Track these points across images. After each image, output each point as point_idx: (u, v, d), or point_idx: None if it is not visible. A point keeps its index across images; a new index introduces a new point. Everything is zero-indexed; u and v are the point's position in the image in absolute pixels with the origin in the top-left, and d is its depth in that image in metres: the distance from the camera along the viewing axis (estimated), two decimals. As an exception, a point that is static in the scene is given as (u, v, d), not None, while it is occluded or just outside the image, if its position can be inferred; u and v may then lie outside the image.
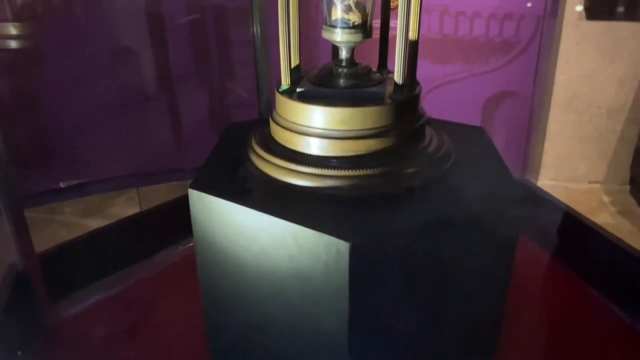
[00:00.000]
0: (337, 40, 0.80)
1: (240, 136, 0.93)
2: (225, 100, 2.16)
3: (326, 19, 0.80)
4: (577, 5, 1.85)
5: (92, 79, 1.88)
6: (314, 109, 0.78)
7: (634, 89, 1.95)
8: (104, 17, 1.89)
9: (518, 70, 1.87)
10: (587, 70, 1.95)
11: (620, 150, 2.03)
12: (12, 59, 1.74)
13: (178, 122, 2.07)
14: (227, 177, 0.83)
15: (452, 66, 1.94)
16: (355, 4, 0.77)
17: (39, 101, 1.91)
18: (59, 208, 1.97)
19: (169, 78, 1.98)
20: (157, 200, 1.98)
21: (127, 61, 1.92)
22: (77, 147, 1.97)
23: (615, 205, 1.99)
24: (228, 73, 2.12)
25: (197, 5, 2.01)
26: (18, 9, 1.71)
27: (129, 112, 1.97)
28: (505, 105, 1.95)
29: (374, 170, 0.78)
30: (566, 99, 2.01)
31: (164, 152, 2.02)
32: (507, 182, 0.85)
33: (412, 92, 0.82)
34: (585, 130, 2.03)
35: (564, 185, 2.10)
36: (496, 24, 1.85)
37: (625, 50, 1.90)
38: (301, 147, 0.80)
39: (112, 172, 2.02)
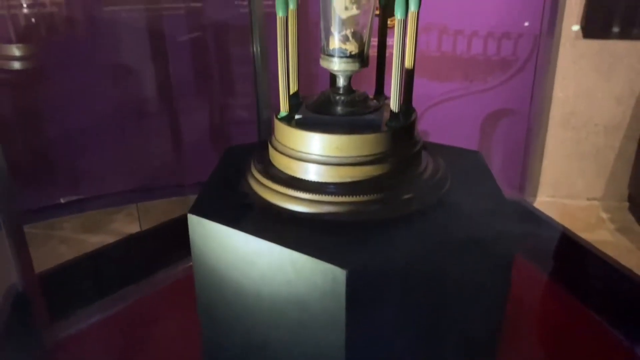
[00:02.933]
0: (334, 69, 0.82)
1: (240, 159, 0.94)
2: (225, 116, 2.18)
3: (324, 48, 0.81)
4: (573, 25, 1.88)
5: (93, 96, 1.90)
6: (312, 136, 0.80)
7: (630, 107, 1.96)
8: (106, 35, 1.91)
9: (516, 88, 1.89)
10: (584, 88, 1.97)
11: (618, 167, 2.04)
12: (14, 76, 1.77)
13: (178, 138, 2.09)
14: (226, 202, 0.84)
15: (450, 84, 1.96)
16: (352, 35, 0.78)
17: (40, 117, 1.93)
18: (59, 224, 1.98)
19: (170, 95, 2.00)
20: (157, 216, 2.00)
21: (128, 78, 1.95)
22: (77, 162, 1.99)
23: (613, 222, 1.99)
24: (229, 90, 2.14)
25: (198, 23, 2.04)
26: (21, 29, 1.74)
27: (130, 128, 1.99)
28: (503, 123, 1.96)
29: (370, 196, 0.79)
30: (564, 116, 2.02)
31: (163, 168, 2.04)
32: (502, 207, 0.86)
33: (408, 119, 0.83)
34: (583, 147, 2.05)
35: (562, 201, 2.11)
36: (494, 42, 1.87)
37: (621, 68, 1.92)
38: (299, 173, 0.82)
39: (112, 187, 2.04)
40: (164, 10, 1.98)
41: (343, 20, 0.78)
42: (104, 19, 1.91)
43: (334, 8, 0.77)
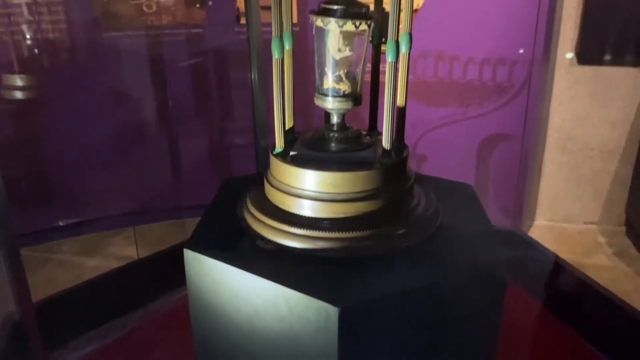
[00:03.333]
0: (328, 107, 0.84)
1: (237, 192, 0.96)
2: (224, 140, 2.20)
3: (318, 88, 0.84)
4: (567, 53, 1.91)
5: (92, 120, 1.93)
6: (306, 172, 0.81)
7: (626, 132, 1.98)
8: (106, 60, 1.95)
9: (512, 114, 1.91)
10: (580, 113, 2.00)
11: (615, 192, 2.06)
12: (15, 104, 1.79)
13: (176, 162, 2.11)
14: (221, 237, 0.86)
15: (447, 109, 1.99)
16: (346, 75, 0.81)
17: (39, 140, 1.96)
18: (57, 247, 1.99)
19: (168, 118, 2.03)
20: (155, 239, 2.01)
21: (127, 102, 1.97)
22: (76, 185, 2.01)
23: (611, 246, 2.00)
24: (228, 114, 2.17)
25: (198, 48, 2.07)
26: (22, 58, 1.77)
27: (128, 151, 2.01)
28: (500, 147, 1.98)
29: (363, 232, 0.80)
30: (560, 141, 2.04)
31: (162, 191, 2.05)
32: (493, 241, 0.87)
33: (400, 156, 0.85)
34: (579, 172, 2.06)
35: (560, 225, 2.12)
36: (489, 68, 1.90)
37: (616, 94, 1.95)
38: (294, 209, 0.83)
39: (110, 210, 2.05)
40: (165, 36, 2.02)
41: (336, 61, 0.80)
42: (104, 44, 1.95)
43: (328, 50, 0.79)
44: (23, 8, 1.78)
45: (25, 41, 1.77)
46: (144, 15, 1.99)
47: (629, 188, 2.03)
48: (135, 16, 1.98)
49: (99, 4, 1.94)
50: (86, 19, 1.94)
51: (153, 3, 1.99)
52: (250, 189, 0.91)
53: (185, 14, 2.02)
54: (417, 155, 2.06)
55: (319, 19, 0.76)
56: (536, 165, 2.06)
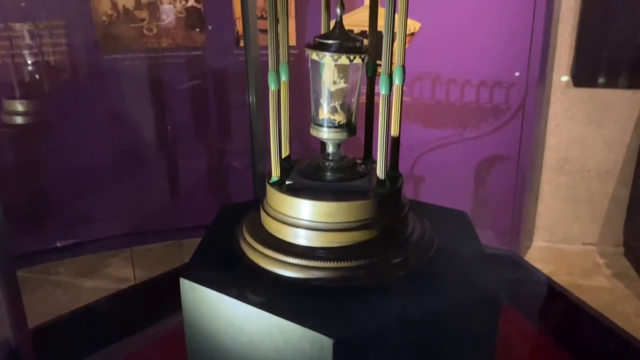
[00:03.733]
0: (324, 137, 0.85)
1: (233, 220, 0.96)
2: (222, 161, 2.21)
3: (314, 118, 0.85)
4: (562, 76, 1.93)
5: (91, 141, 1.94)
6: (302, 202, 0.82)
7: (622, 153, 2.00)
8: (106, 82, 1.97)
9: (508, 135, 1.93)
10: (576, 134, 2.01)
11: (613, 212, 2.06)
12: (15, 128, 1.81)
13: (175, 183, 2.12)
14: (217, 267, 0.86)
15: (445, 130, 2.00)
16: (340, 106, 0.82)
17: (38, 162, 1.97)
18: (54, 268, 1.99)
19: (167, 140, 2.04)
20: (152, 261, 2.01)
21: (126, 124, 1.99)
22: (74, 206, 2.02)
23: (610, 267, 2.00)
24: (226, 135, 2.19)
25: (198, 70, 2.10)
26: (23, 81, 1.79)
27: (127, 172, 2.02)
28: (497, 168, 1.99)
29: (359, 262, 0.81)
30: (558, 162, 2.06)
31: (160, 212, 2.06)
32: (487, 268, 0.88)
33: (395, 185, 0.86)
34: (577, 193, 2.07)
35: (558, 246, 2.12)
36: (486, 90, 1.92)
37: (612, 115, 1.97)
38: (289, 238, 0.84)
39: (108, 231, 2.05)
40: (165, 59, 2.04)
41: (332, 93, 0.81)
42: (105, 67, 1.97)
43: (323, 82, 0.81)
44: (25, 32, 1.81)
45: (27, 65, 1.80)
46: (145, 38, 2.02)
47: (626, 209, 2.03)
48: (135, 39, 2.00)
49: (100, 27, 1.96)
50: (87, 41, 1.97)
51: (153, 26, 2.02)
52: (247, 217, 0.92)
53: (185, 36, 2.05)
54: (414, 176, 2.07)
55: (314, 53, 0.78)
56: (533, 186, 2.07)
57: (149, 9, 2.00)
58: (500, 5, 1.81)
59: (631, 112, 1.95)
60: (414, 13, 1.86)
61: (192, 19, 2.03)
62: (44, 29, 1.86)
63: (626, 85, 1.92)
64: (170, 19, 2.03)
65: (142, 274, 1.92)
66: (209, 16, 2.03)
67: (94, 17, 1.94)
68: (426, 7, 1.83)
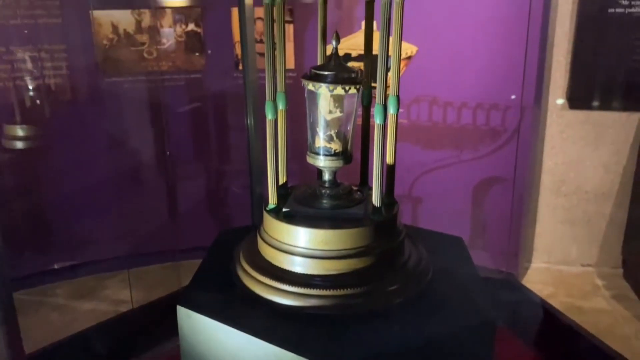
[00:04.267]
0: (320, 165, 0.86)
1: (231, 245, 0.97)
2: (221, 183, 2.22)
3: (310, 146, 0.86)
4: (558, 99, 1.95)
5: (90, 163, 1.95)
6: (298, 229, 0.83)
7: (619, 175, 2.01)
8: (106, 105, 1.99)
9: (505, 157, 1.94)
10: (572, 156, 2.03)
11: (611, 234, 2.06)
12: (14, 153, 1.82)
13: (172, 204, 2.13)
14: (214, 294, 0.87)
15: (442, 152, 2.02)
16: (336, 134, 0.83)
17: (36, 184, 1.98)
18: (51, 290, 1.98)
19: (165, 162, 2.05)
20: (150, 283, 2.00)
21: (125, 146, 2.00)
22: (71, 228, 2.02)
23: (609, 289, 1.99)
24: (224, 157, 2.20)
25: (197, 93, 2.12)
26: (22, 104, 1.81)
27: (125, 194, 2.03)
28: (494, 190, 2.00)
29: (355, 289, 0.81)
30: (555, 184, 2.07)
31: (158, 234, 2.06)
32: (483, 295, 0.88)
33: (391, 212, 0.86)
34: (574, 214, 2.08)
35: (557, 268, 2.12)
36: (483, 113, 1.94)
37: (607, 137, 1.98)
38: (286, 265, 0.84)
39: (106, 253, 2.05)
40: (165, 82, 2.07)
41: (328, 122, 0.83)
42: (105, 90, 1.99)
43: (320, 111, 0.82)
44: (26, 57, 1.83)
45: (27, 89, 1.82)
46: (145, 61, 2.04)
47: (624, 231, 2.04)
48: (136, 62, 2.03)
49: (101, 50, 1.99)
50: (88, 65, 1.99)
51: (153, 49, 2.04)
52: (243, 244, 0.93)
53: (185, 60, 2.07)
54: (412, 198, 2.08)
55: (310, 83, 0.79)
56: (531, 208, 2.07)
57: (149, 33, 2.03)
58: (495, 30, 1.84)
59: (626, 134, 1.96)
60: (411, 37, 1.90)
61: (192, 43, 2.06)
62: (45, 53, 1.89)
63: (621, 108, 1.94)
64: (170, 42, 2.06)
65: (139, 296, 1.91)
66: (208, 40, 2.06)
67: (95, 40, 1.97)
68: (423, 32, 1.86)
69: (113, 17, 1.98)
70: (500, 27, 1.84)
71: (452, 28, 1.87)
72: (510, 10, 1.80)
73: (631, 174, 1.98)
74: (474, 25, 1.85)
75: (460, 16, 1.85)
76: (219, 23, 2.03)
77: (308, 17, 1.94)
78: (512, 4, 1.79)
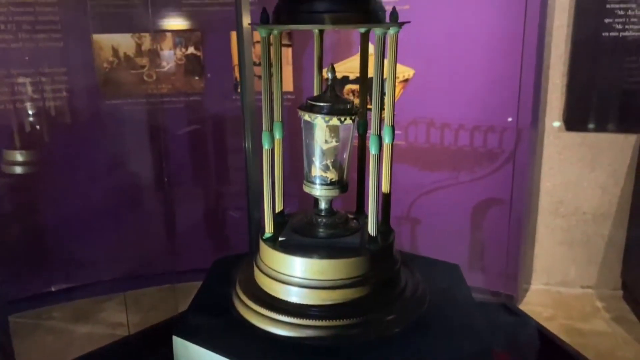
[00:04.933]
0: (316, 194, 0.86)
1: (227, 274, 0.97)
2: (218, 205, 2.22)
3: (307, 175, 0.86)
4: (554, 122, 1.97)
5: (88, 185, 1.96)
6: (294, 259, 0.82)
7: (616, 196, 2.01)
8: (105, 127, 2.00)
9: (502, 179, 1.95)
10: (570, 177, 2.03)
11: (610, 255, 2.06)
12: (13, 178, 1.82)
13: (169, 227, 2.12)
14: (210, 324, 0.86)
15: (439, 173, 2.03)
16: (332, 164, 0.84)
17: (34, 206, 1.98)
18: (47, 313, 1.97)
19: (163, 184, 2.05)
20: (147, 305, 1.99)
21: (123, 168, 2.01)
22: (69, 251, 2.01)
23: (609, 311, 1.98)
24: (222, 179, 2.21)
25: (196, 115, 2.13)
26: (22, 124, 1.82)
27: (122, 216, 2.03)
28: (492, 211, 2.00)
29: (352, 320, 0.80)
30: (553, 205, 2.07)
31: (155, 256, 2.05)
32: (480, 323, 0.87)
33: (387, 241, 0.86)
34: (573, 235, 2.08)
35: (556, 289, 2.11)
36: (480, 135, 1.95)
37: (604, 159, 1.99)
38: (282, 295, 0.84)
39: (103, 275, 2.04)
40: (165, 104, 2.08)
41: (324, 151, 0.83)
42: (105, 112, 2.01)
43: (316, 141, 0.83)
44: (27, 83, 1.85)
45: (28, 113, 1.83)
46: (145, 83, 2.06)
47: (623, 252, 2.03)
48: (136, 84, 2.05)
49: (102, 73, 2.01)
50: (89, 88, 2.01)
51: (153, 72, 2.06)
52: (240, 273, 0.92)
53: (185, 82, 2.09)
54: (411, 219, 2.08)
55: (306, 114, 0.80)
56: (529, 229, 2.07)
57: (149, 56, 2.05)
58: (491, 53, 1.87)
59: (623, 156, 1.98)
60: (408, 60, 1.92)
61: (192, 66, 2.08)
62: (46, 77, 1.91)
63: (616, 130, 1.95)
64: (170, 65, 2.08)
65: (136, 319, 1.90)
66: (208, 63, 2.08)
67: (96, 63, 1.99)
68: (419, 55, 1.88)
69: (114, 41, 2.00)
70: (496, 49, 1.86)
71: (449, 51, 1.90)
72: (505, 33, 1.83)
73: (629, 195, 1.99)
74: (470, 48, 1.87)
75: (457, 39, 1.88)
76: (218, 46, 2.06)
77: (306, 40, 1.96)
78: (507, 27, 1.82)
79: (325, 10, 0.74)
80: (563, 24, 1.92)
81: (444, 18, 1.86)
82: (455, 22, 1.86)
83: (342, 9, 0.75)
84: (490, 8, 1.82)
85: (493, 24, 1.84)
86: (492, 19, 1.83)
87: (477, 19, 1.84)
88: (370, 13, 0.76)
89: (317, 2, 0.74)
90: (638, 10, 1.84)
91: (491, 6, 1.82)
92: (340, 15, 0.75)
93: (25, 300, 1.95)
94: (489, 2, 1.83)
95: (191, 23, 2.06)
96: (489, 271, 2.02)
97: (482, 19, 1.83)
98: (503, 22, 1.82)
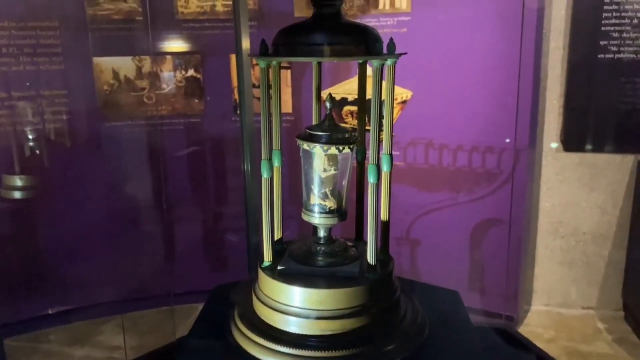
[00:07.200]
0: (315, 222, 0.86)
1: (226, 302, 0.96)
2: (217, 227, 2.22)
3: (305, 203, 0.86)
4: (552, 143, 1.98)
5: (86, 207, 1.96)
6: (293, 289, 0.82)
7: (616, 216, 2.01)
8: (105, 149, 2.00)
9: (501, 199, 1.95)
10: (569, 198, 2.04)
11: (610, 276, 2.05)
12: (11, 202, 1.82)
13: (168, 249, 2.12)
14: (209, 354, 0.85)
15: (438, 194, 2.03)
16: (331, 192, 0.84)
17: (32, 229, 1.97)
18: (44, 336, 1.95)
19: (161, 206, 2.05)
20: (145, 328, 1.97)
21: (121, 190, 2.01)
22: (66, 273, 2.00)
23: (611, 332, 1.97)
24: (221, 200, 2.20)
25: (196, 137, 2.14)
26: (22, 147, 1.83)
27: (120, 238, 2.02)
28: (491, 232, 2.00)
29: (351, 350, 0.80)
30: (552, 225, 2.07)
31: (153, 278, 2.04)
32: (479, 351, 0.87)
33: (386, 269, 0.86)
34: (573, 256, 2.07)
35: (557, 310, 2.10)
36: (478, 155, 1.96)
37: (603, 179, 2.00)
38: (280, 325, 0.83)
39: (101, 297, 2.03)
40: (164, 126, 2.09)
41: (322, 180, 0.83)
42: (105, 134, 2.02)
43: (315, 169, 0.83)
44: (27, 107, 1.86)
45: (27, 138, 1.84)
46: (145, 106, 2.07)
47: (624, 273, 2.02)
48: (136, 106, 2.06)
49: (102, 95, 2.03)
50: (89, 110, 2.02)
51: (153, 94, 2.08)
52: (238, 301, 0.92)
53: (185, 104, 2.11)
54: (410, 240, 2.07)
55: (305, 143, 0.81)
56: (529, 249, 2.07)
57: (149, 78, 2.07)
58: (488, 74, 1.88)
59: (622, 176, 1.98)
60: (406, 82, 1.94)
61: (192, 88, 2.10)
62: (46, 99, 1.92)
63: (614, 150, 1.96)
64: (170, 87, 2.09)
65: (133, 342, 1.89)
66: (207, 85, 2.10)
67: (96, 86, 2.01)
68: (417, 77, 1.90)
69: (114, 63, 2.02)
70: (494, 71, 1.88)
71: (446, 73, 1.91)
72: (502, 55, 1.84)
73: (628, 215, 1.99)
74: (467, 70, 1.89)
75: (454, 61, 1.89)
76: (218, 68, 2.08)
77: (305, 63, 1.98)
78: (504, 49, 1.84)
79: (323, 43, 0.74)
80: (559, 46, 1.94)
81: (441, 41, 1.88)
82: (452, 44, 1.88)
83: (340, 42, 0.75)
84: (487, 30, 1.85)
85: (490, 46, 1.86)
86: (489, 41, 1.85)
87: (474, 41, 1.86)
88: (367, 44, 0.77)
89: (315, 35, 0.75)
90: (632, 33, 1.87)
91: (488, 29, 1.85)
92: (338, 47, 0.75)
93: (21, 323, 1.94)
94: (486, 25, 1.85)
95: (191, 46, 2.08)
96: (489, 292, 2.01)
97: (479, 41, 1.85)
98: (500, 44, 1.84)
